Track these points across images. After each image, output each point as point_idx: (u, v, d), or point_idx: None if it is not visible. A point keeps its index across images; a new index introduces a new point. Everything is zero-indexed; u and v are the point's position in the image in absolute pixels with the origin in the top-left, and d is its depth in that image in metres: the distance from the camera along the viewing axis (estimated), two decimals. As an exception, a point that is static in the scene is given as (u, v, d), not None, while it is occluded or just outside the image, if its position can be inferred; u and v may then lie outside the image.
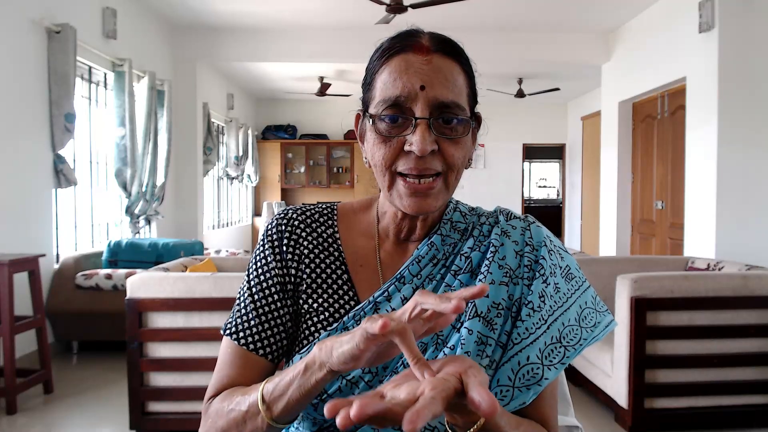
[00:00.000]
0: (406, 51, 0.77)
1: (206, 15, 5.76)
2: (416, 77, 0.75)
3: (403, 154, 0.76)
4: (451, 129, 0.77)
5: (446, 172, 0.78)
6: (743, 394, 2.80)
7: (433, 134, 0.75)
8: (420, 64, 0.76)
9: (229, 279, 2.60)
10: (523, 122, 10.24)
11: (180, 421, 2.63)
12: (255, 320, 0.83)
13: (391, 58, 0.77)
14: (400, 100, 0.75)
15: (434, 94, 0.75)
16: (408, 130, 0.76)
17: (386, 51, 0.78)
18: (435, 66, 0.76)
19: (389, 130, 0.77)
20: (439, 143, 0.76)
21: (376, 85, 0.79)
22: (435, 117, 0.75)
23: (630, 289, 2.71)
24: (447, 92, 0.75)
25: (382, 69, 0.78)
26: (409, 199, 0.77)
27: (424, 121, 0.74)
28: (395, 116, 0.76)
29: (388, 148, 0.77)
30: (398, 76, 0.76)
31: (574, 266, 0.86)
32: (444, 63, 0.77)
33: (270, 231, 0.87)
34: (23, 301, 3.23)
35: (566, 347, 0.79)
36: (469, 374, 0.56)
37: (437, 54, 0.77)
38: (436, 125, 0.76)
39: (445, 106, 0.75)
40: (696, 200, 4.60)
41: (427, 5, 4.47)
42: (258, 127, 10.09)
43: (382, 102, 0.76)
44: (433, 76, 0.75)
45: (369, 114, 0.79)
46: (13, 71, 3.61)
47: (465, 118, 0.77)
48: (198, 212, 6.38)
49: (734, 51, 4.27)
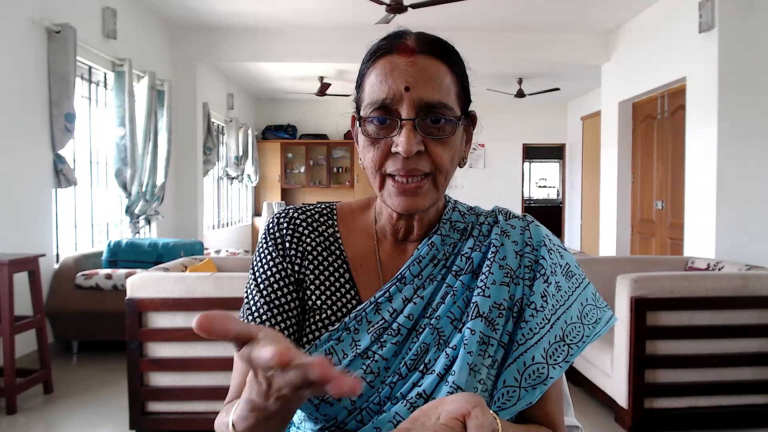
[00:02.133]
0: (392, 53, 0.77)
1: (206, 15, 5.76)
2: (401, 79, 0.75)
3: (392, 156, 0.77)
4: (438, 129, 0.77)
5: (434, 173, 0.78)
6: (743, 394, 2.80)
7: (419, 135, 0.76)
8: (404, 65, 0.76)
9: (229, 279, 2.60)
10: (523, 122, 10.23)
11: (180, 421, 2.63)
12: (267, 314, 0.83)
13: (377, 61, 0.78)
14: (386, 102, 0.76)
15: (419, 95, 0.75)
16: (395, 131, 0.76)
17: (374, 53, 0.79)
18: (419, 67, 0.76)
19: (377, 132, 0.77)
20: (426, 144, 0.76)
21: (365, 87, 0.79)
22: (421, 117, 0.76)
23: (630, 289, 2.71)
24: (432, 92, 0.75)
25: (369, 71, 0.79)
26: (398, 198, 0.78)
27: (409, 122, 0.75)
28: (383, 118, 0.76)
29: (376, 150, 0.78)
30: (383, 79, 0.76)
31: (573, 264, 0.86)
32: (429, 63, 0.77)
33: (272, 228, 0.87)
34: (23, 301, 3.23)
35: (570, 345, 0.80)
36: (471, 416, 0.57)
37: (422, 55, 0.77)
38: (423, 126, 0.76)
39: (432, 107, 0.76)
40: (696, 200, 4.60)
41: (427, 5, 4.47)
42: (258, 127, 10.09)
43: (369, 105, 0.77)
44: (418, 77, 0.75)
45: (359, 116, 0.80)
46: (13, 71, 3.61)
47: (452, 117, 0.77)
48: (198, 212, 6.38)
49: (734, 51, 4.27)
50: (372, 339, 0.78)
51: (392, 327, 0.79)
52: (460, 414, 0.57)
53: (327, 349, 0.79)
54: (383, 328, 0.79)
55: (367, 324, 0.80)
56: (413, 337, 0.78)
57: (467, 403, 0.58)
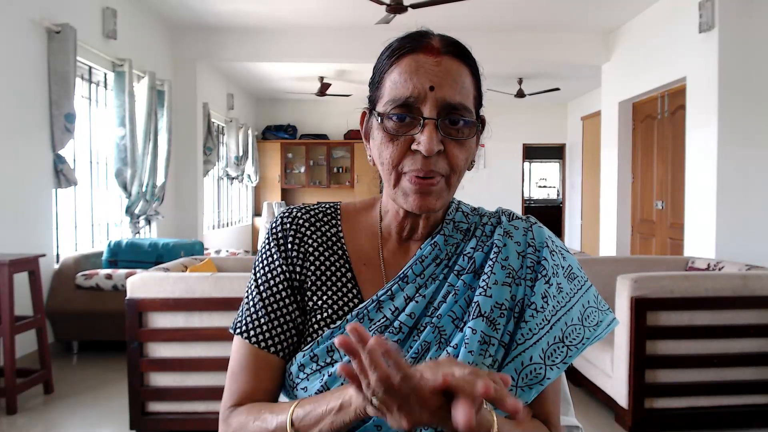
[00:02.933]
0: (417, 52, 0.77)
1: (206, 15, 5.76)
2: (426, 78, 0.76)
3: (410, 154, 0.77)
4: (457, 130, 0.77)
5: (449, 174, 0.79)
6: (743, 394, 2.80)
7: (440, 134, 0.76)
8: (430, 65, 0.76)
9: (229, 279, 2.60)
10: (523, 122, 10.23)
11: (180, 421, 2.63)
12: (265, 318, 0.83)
13: (401, 58, 0.78)
14: (410, 101, 0.76)
15: (443, 95, 0.75)
16: (415, 129, 0.76)
17: (396, 51, 0.79)
18: (445, 68, 0.76)
19: (397, 129, 0.77)
20: (445, 144, 0.77)
21: (385, 84, 0.79)
22: (442, 118, 0.76)
23: (630, 289, 2.71)
24: (455, 94, 0.76)
25: (391, 69, 0.79)
26: (414, 196, 0.78)
27: (432, 122, 0.75)
28: (403, 115, 0.76)
29: (395, 147, 0.77)
30: (408, 77, 0.76)
31: (575, 266, 0.86)
32: (453, 65, 0.77)
33: (275, 229, 0.88)
34: (23, 301, 3.23)
35: (569, 347, 0.80)
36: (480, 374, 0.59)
37: (447, 56, 0.77)
38: (443, 126, 0.76)
39: (453, 108, 0.76)
40: (696, 200, 4.61)
41: (427, 5, 4.47)
42: (258, 127, 10.09)
43: (391, 101, 0.77)
44: (443, 77, 0.76)
45: (377, 112, 0.79)
46: (13, 71, 3.61)
47: (471, 120, 0.78)
48: (198, 212, 6.38)
49: (734, 51, 4.27)
50: None
51: (394, 325, 0.79)
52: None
53: (328, 347, 0.79)
54: (385, 326, 0.79)
55: (368, 322, 0.80)
56: (414, 336, 0.79)
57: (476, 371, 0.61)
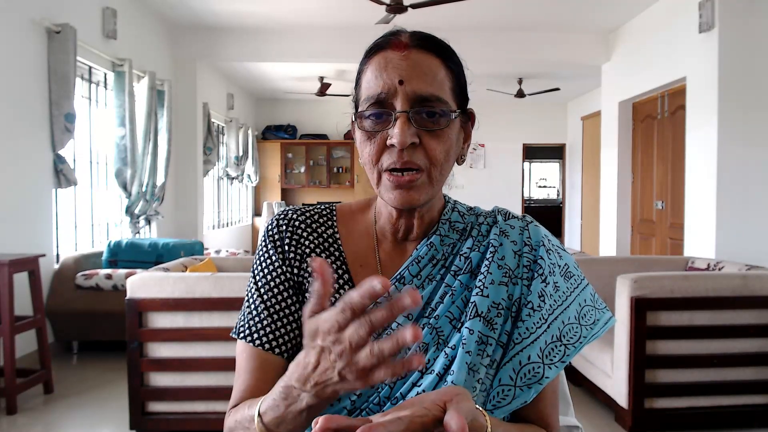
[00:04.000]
0: (386, 48, 0.79)
1: (206, 15, 5.76)
2: (395, 72, 0.76)
3: (387, 149, 0.78)
4: (432, 122, 0.77)
5: (429, 167, 0.78)
6: (743, 394, 2.80)
7: (414, 127, 0.76)
8: (398, 59, 0.77)
9: (229, 279, 2.60)
10: (523, 122, 10.23)
11: (180, 421, 2.63)
12: (267, 319, 0.83)
13: (372, 57, 0.80)
14: (381, 97, 0.76)
15: (412, 87, 0.76)
16: (390, 125, 0.77)
17: (368, 51, 0.81)
18: (413, 61, 0.77)
19: (373, 126, 0.78)
20: (421, 136, 0.77)
21: (361, 84, 0.81)
22: (416, 110, 0.76)
23: (630, 289, 2.71)
24: (425, 86, 0.76)
25: (365, 68, 0.80)
26: (394, 192, 0.78)
27: (403, 114, 0.76)
28: (378, 112, 0.77)
29: (373, 145, 0.78)
30: (378, 74, 0.77)
31: (572, 264, 0.86)
32: (422, 57, 0.78)
33: (271, 231, 0.88)
34: (23, 301, 3.23)
35: (566, 345, 0.80)
36: (453, 402, 0.59)
37: (415, 49, 0.78)
38: (418, 119, 0.77)
39: (425, 99, 0.76)
40: (696, 200, 4.61)
41: (427, 5, 4.47)
42: (258, 127, 10.09)
43: (366, 100, 0.78)
44: (411, 70, 0.76)
45: (356, 113, 0.81)
46: (13, 71, 3.61)
47: (447, 111, 0.78)
48: (198, 212, 6.38)
49: (734, 51, 4.27)
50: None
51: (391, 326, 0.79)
52: (441, 401, 0.60)
53: None
54: (382, 328, 0.79)
55: None
56: None
57: (450, 391, 0.61)
